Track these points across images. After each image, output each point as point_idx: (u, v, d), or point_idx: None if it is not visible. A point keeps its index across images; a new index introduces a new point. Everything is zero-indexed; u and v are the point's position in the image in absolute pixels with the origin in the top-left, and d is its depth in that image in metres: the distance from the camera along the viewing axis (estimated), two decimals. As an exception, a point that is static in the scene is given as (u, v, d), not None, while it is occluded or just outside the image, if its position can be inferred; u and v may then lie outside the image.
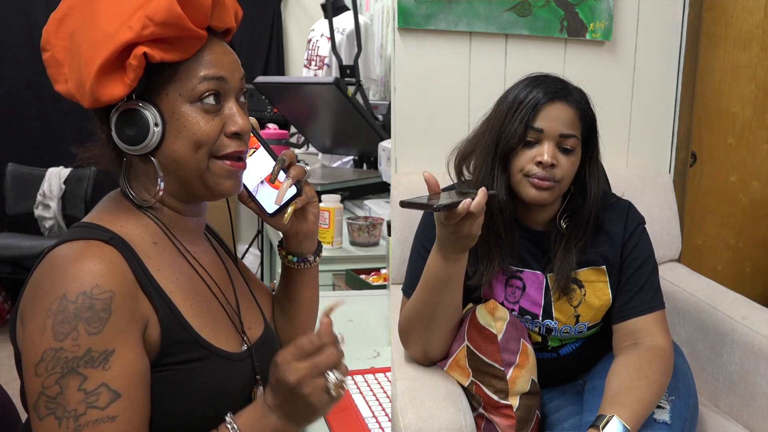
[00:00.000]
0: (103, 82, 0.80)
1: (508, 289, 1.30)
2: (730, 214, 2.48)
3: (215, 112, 0.86)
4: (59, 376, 0.73)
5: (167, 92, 0.84)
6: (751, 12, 2.33)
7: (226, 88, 0.86)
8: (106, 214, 0.87)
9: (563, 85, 1.22)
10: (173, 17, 0.79)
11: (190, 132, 0.84)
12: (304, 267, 1.08)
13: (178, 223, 0.91)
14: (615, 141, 2.01)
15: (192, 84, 0.84)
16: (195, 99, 0.84)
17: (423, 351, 1.26)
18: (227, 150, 0.87)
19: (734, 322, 1.53)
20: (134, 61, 0.80)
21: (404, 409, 1.14)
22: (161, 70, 0.83)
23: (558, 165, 1.19)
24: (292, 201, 0.98)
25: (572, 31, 1.89)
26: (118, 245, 0.81)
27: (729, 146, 2.43)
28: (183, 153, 0.84)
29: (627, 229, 1.30)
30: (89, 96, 0.81)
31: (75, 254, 0.78)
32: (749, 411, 1.48)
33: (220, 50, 0.87)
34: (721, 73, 2.35)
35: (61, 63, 0.83)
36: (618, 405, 1.10)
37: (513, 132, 1.19)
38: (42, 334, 0.74)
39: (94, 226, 0.84)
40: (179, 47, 0.82)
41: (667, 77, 2.05)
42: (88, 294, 0.75)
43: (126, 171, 0.89)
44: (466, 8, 1.80)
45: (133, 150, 0.84)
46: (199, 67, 0.84)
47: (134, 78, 0.81)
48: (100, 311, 0.75)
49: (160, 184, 0.86)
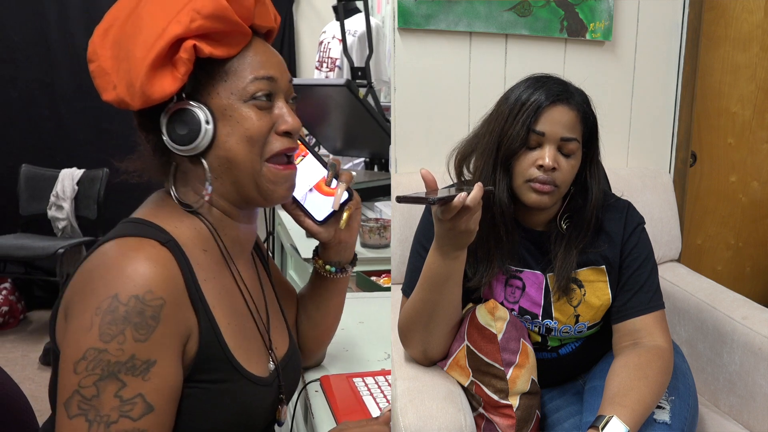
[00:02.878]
0: (154, 79, 0.80)
1: (507, 288, 1.30)
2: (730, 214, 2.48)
3: (267, 109, 0.86)
4: (98, 378, 0.72)
5: (217, 91, 0.84)
6: (751, 12, 2.33)
7: (276, 88, 0.87)
8: (159, 212, 0.87)
9: (565, 87, 1.22)
10: (219, 9, 0.80)
11: (243, 127, 0.84)
12: (340, 276, 1.08)
13: (229, 230, 0.91)
14: (615, 141, 2.01)
15: (243, 83, 0.84)
16: (247, 97, 0.84)
17: (423, 350, 1.26)
18: (277, 147, 0.87)
19: (734, 322, 1.53)
20: (184, 54, 0.80)
21: (404, 409, 1.14)
22: (209, 69, 0.84)
23: (559, 168, 1.19)
24: (346, 206, 0.99)
25: (572, 31, 1.89)
26: (173, 249, 0.81)
27: (729, 146, 2.43)
28: (236, 150, 0.84)
29: (627, 229, 1.30)
30: (140, 95, 0.81)
31: (131, 252, 0.77)
32: (749, 411, 1.48)
33: (267, 51, 0.88)
34: (721, 73, 2.35)
35: (107, 72, 0.83)
36: (618, 405, 1.10)
37: (515, 135, 1.19)
38: (88, 331, 0.73)
39: (148, 222, 0.83)
40: (226, 42, 0.83)
41: (667, 77, 2.05)
42: (141, 298, 0.74)
43: (173, 176, 0.88)
44: (466, 8, 1.80)
45: (184, 150, 0.84)
46: (249, 67, 0.85)
47: (185, 72, 0.81)
48: (149, 318, 0.74)
49: (207, 187, 0.86)
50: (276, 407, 0.95)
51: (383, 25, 3.77)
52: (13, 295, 3.73)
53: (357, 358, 1.29)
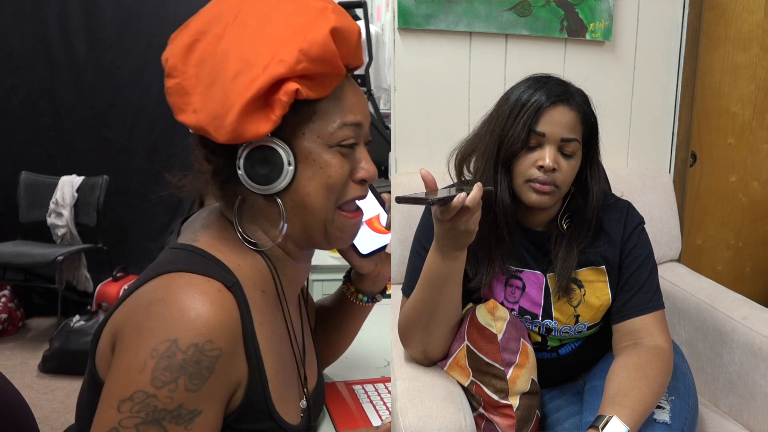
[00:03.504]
0: (249, 118, 0.75)
1: (507, 288, 1.30)
2: (730, 214, 2.48)
3: (349, 155, 0.83)
4: (141, 421, 0.69)
5: (303, 132, 0.80)
6: (751, 12, 2.33)
7: (360, 133, 0.84)
8: (222, 245, 0.82)
9: (565, 87, 1.22)
10: (328, 54, 0.76)
11: (326, 174, 0.80)
12: (369, 304, 1.09)
13: (288, 270, 0.88)
14: (615, 141, 2.01)
15: (331, 128, 0.80)
16: (333, 143, 0.81)
17: (423, 350, 1.26)
18: (350, 195, 0.84)
19: (734, 322, 1.53)
20: (284, 98, 0.75)
21: (404, 409, 1.14)
22: (299, 108, 0.79)
23: (559, 169, 1.19)
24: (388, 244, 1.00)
25: (572, 31, 1.89)
26: (237, 293, 0.77)
27: (729, 146, 2.43)
28: (314, 197, 0.81)
29: (626, 229, 1.30)
30: (229, 131, 0.75)
31: (195, 293, 0.73)
32: (749, 411, 1.48)
33: (356, 92, 0.84)
34: (721, 73, 2.35)
35: (188, 92, 0.77)
36: (618, 405, 1.10)
37: (515, 136, 1.19)
38: (140, 372, 0.70)
39: (210, 256, 0.80)
40: (321, 84, 0.79)
41: (667, 77, 2.05)
42: (200, 348, 0.71)
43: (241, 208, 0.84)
44: (466, 8, 1.80)
45: (260, 189, 0.80)
46: (339, 111, 0.81)
47: (281, 115, 0.76)
48: (205, 369, 0.71)
49: (283, 228, 0.82)
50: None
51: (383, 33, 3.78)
52: (12, 302, 3.69)
53: (357, 365, 1.28)
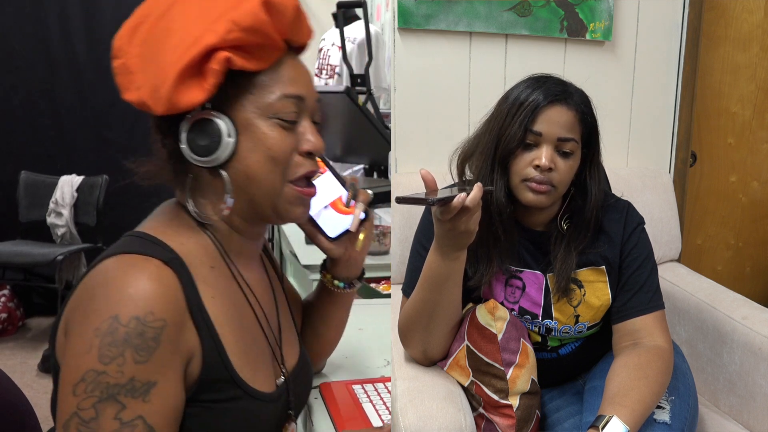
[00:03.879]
0: (183, 87, 0.78)
1: (507, 288, 1.30)
2: (730, 214, 2.48)
3: (290, 129, 0.84)
4: (97, 400, 0.71)
5: (242, 104, 0.82)
6: (751, 12, 2.33)
7: (303, 107, 0.85)
8: (167, 227, 0.84)
9: (564, 87, 1.22)
10: (259, 23, 0.78)
11: (266, 146, 0.82)
12: (348, 291, 1.08)
13: (236, 245, 0.89)
14: (615, 141, 2.01)
15: (270, 99, 0.82)
16: (272, 114, 0.82)
17: (423, 350, 1.26)
18: (300, 171, 0.85)
19: (734, 322, 1.53)
20: (216, 66, 0.77)
21: (404, 409, 1.14)
22: (238, 80, 0.81)
23: (556, 169, 1.19)
24: (361, 227, 0.98)
25: (572, 31, 1.89)
26: (177, 268, 0.78)
27: (729, 146, 2.43)
28: (257, 168, 0.82)
29: (626, 229, 1.30)
30: (165, 101, 0.78)
31: (132, 271, 0.75)
32: (749, 411, 1.48)
33: (298, 67, 0.86)
34: (721, 73, 2.35)
35: (132, 71, 0.80)
36: (618, 405, 1.10)
37: (512, 135, 1.19)
38: (87, 353, 0.71)
39: (152, 238, 0.81)
40: (259, 56, 0.81)
41: (667, 77, 2.05)
42: (142, 320, 0.72)
43: (193, 184, 0.85)
44: (466, 8, 1.80)
45: (203, 162, 0.81)
46: (279, 84, 0.83)
47: (214, 84, 0.79)
48: (150, 340, 0.72)
49: (227, 201, 0.83)
50: (283, 423, 0.93)
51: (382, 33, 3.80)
52: (12, 302, 3.71)
53: (356, 365, 1.28)
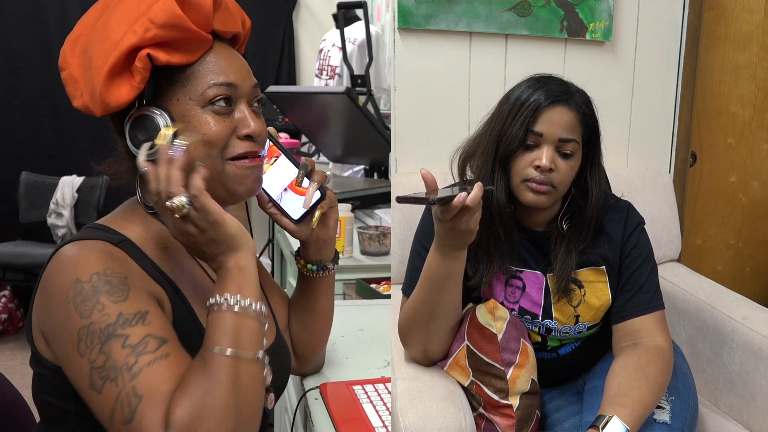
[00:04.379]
0: (112, 87, 0.82)
1: (507, 288, 1.30)
2: (730, 214, 2.48)
3: (226, 114, 0.87)
4: (100, 345, 0.74)
5: (177, 97, 0.85)
6: (751, 12, 2.32)
7: (236, 93, 0.88)
8: (119, 218, 0.89)
9: (565, 87, 1.22)
10: (174, 19, 0.82)
11: (201, 133, 0.85)
12: (323, 275, 1.09)
13: None
14: (615, 141, 2.01)
15: (201, 89, 0.85)
16: (205, 102, 0.85)
17: (423, 350, 1.26)
18: (238, 150, 0.88)
19: (734, 322, 1.53)
20: (139, 63, 0.82)
21: (404, 409, 1.14)
22: (170, 75, 0.85)
23: (556, 169, 1.19)
24: (318, 205, 1.01)
25: (572, 31, 1.89)
26: (127, 247, 0.82)
27: (729, 146, 2.43)
28: (194, 154, 0.85)
29: (626, 229, 1.29)
30: (100, 102, 0.83)
31: (82, 248, 0.80)
32: (749, 411, 1.48)
33: (228, 56, 0.89)
34: (721, 73, 2.35)
35: (76, 80, 0.86)
36: (618, 405, 1.10)
37: (513, 135, 1.19)
38: (68, 320, 0.75)
39: (105, 227, 0.86)
40: (184, 50, 0.84)
41: (667, 77, 2.05)
42: (101, 273, 0.76)
43: (140, 178, 0.89)
44: (466, 8, 1.80)
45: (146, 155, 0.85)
46: (208, 73, 0.86)
47: (141, 80, 0.83)
48: (119, 284, 0.76)
49: None
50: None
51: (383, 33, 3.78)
52: (13, 302, 3.70)
53: (357, 365, 1.28)
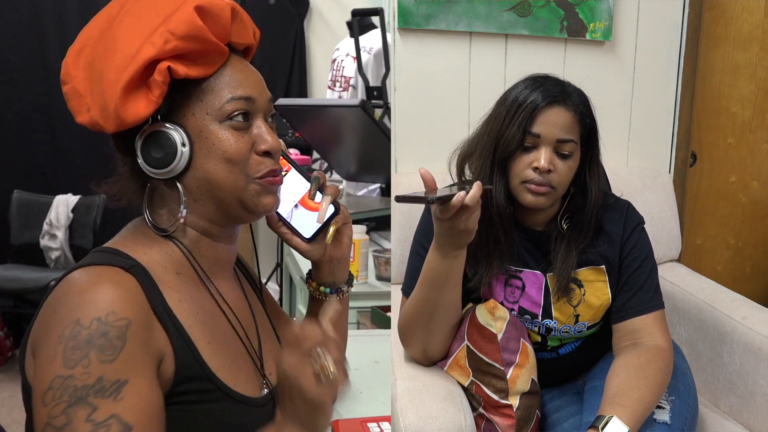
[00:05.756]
0: (128, 102, 0.79)
1: (507, 288, 1.30)
2: (730, 214, 2.48)
3: (244, 130, 0.84)
4: (66, 405, 0.69)
5: (193, 112, 0.82)
6: (751, 12, 2.32)
7: (254, 108, 0.85)
8: (129, 240, 0.85)
9: (562, 88, 1.22)
10: (194, 30, 0.79)
11: (221, 150, 0.82)
12: (336, 298, 1.02)
13: (207, 250, 0.88)
14: (615, 141, 2.01)
15: (219, 103, 0.82)
16: (223, 118, 0.82)
17: (423, 350, 1.26)
18: (263, 169, 0.85)
19: (734, 322, 1.53)
20: (159, 77, 0.79)
21: (404, 409, 1.14)
22: (185, 89, 0.82)
23: (555, 170, 1.19)
24: (332, 220, 0.95)
25: (572, 31, 1.89)
26: (138, 274, 0.79)
27: (729, 146, 2.43)
28: (216, 172, 0.82)
29: (626, 228, 1.30)
30: (114, 118, 0.79)
31: (92, 279, 0.76)
32: (749, 411, 1.48)
33: (244, 69, 0.86)
34: (721, 73, 2.35)
35: (82, 94, 0.82)
36: (618, 405, 1.10)
37: (511, 137, 1.19)
38: (52, 361, 0.71)
39: (115, 251, 0.82)
40: (202, 62, 0.82)
41: (667, 77, 2.05)
42: (103, 320, 0.72)
43: (150, 199, 0.86)
44: (466, 8, 1.80)
45: (159, 174, 0.82)
46: (226, 87, 0.83)
47: (159, 95, 0.80)
48: (115, 339, 0.72)
49: (182, 211, 0.84)
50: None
51: None
52: (2, 330, 3.43)
53: (372, 400, 1.24)
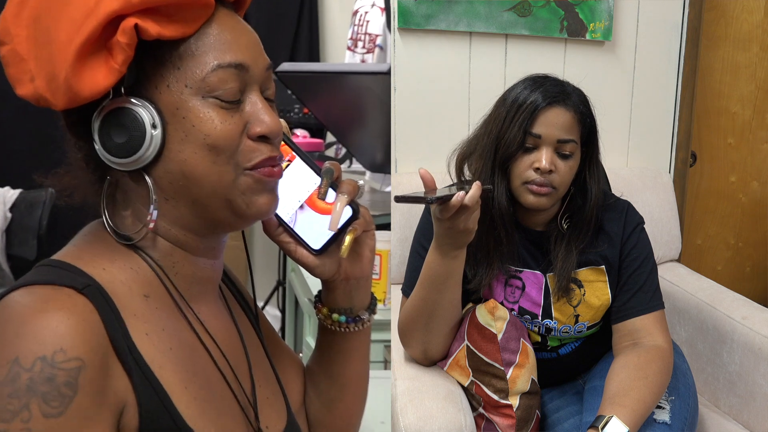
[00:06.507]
0: (83, 70, 0.59)
1: (507, 288, 1.30)
2: (730, 214, 2.48)
3: (234, 107, 0.64)
4: None
5: (167, 83, 0.62)
6: (751, 12, 2.32)
7: (247, 78, 0.65)
8: (84, 251, 0.65)
9: (562, 88, 1.22)
10: None
11: (202, 133, 0.62)
12: (354, 329, 0.79)
13: (183, 266, 0.68)
14: (615, 141, 2.01)
15: (201, 72, 0.62)
16: (207, 92, 0.62)
17: (423, 350, 1.26)
18: (257, 158, 0.65)
19: (734, 322, 1.53)
20: (123, 38, 0.59)
21: (404, 409, 1.14)
22: (157, 53, 0.62)
23: (556, 171, 1.19)
24: (349, 226, 0.72)
25: (572, 31, 1.89)
26: (94, 297, 0.60)
27: (729, 146, 2.43)
28: (195, 163, 0.63)
29: (626, 229, 1.30)
30: (65, 91, 0.60)
31: (36, 305, 0.57)
32: (749, 411, 1.48)
33: (236, 27, 0.66)
34: (721, 73, 2.35)
35: (23, 57, 0.61)
36: (617, 405, 1.10)
37: (512, 138, 1.19)
38: None
39: (66, 266, 0.62)
40: (179, 18, 0.61)
41: (667, 77, 2.05)
42: (49, 361, 0.55)
43: (110, 196, 0.67)
44: (466, 8, 1.80)
45: (122, 164, 0.63)
46: (210, 51, 0.63)
47: (123, 61, 0.60)
48: (63, 386, 0.55)
49: (152, 212, 0.64)
50: None
51: None
52: None
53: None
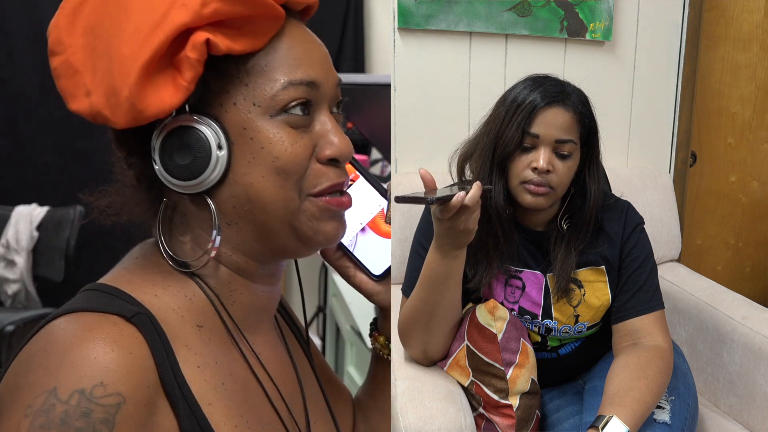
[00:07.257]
0: (149, 87, 0.56)
1: (507, 288, 1.30)
2: (730, 214, 2.48)
3: (304, 127, 0.61)
4: None
5: (234, 101, 0.59)
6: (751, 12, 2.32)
7: (318, 96, 0.62)
8: (136, 275, 0.62)
9: (561, 88, 1.22)
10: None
11: (272, 155, 0.59)
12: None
13: (241, 295, 0.65)
14: (615, 141, 2.01)
15: (271, 89, 0.59)
16: (276, 110, 0.59)
17: (423, 350, 1.27)
18: (324, 184, 0.62)
19: (734, 322, 1.53)
20: (193, 54, 0.56)
21: (404, 409, 1.14)
22: (224, 69, 0.59)
23: (554, 171, 1.19)
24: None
25: (572, 31, 1.89)
26: (144, 325, 0.57)
27: (729, 146, 2.43)
28: (262, 187, 0.59)
29: (626, 229, 1.30)
30: (127, 109, 0.56)
31: (79, 333, 0.54)
32: (749, 411, 1.48)
33: (306, 41, 0.62)
34: (721, 73, 2.35)
35: (78, 70, 0.58)
36: (617, 405, 1.10)
37: (510, 137, 1.19)
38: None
39: (115, 291, 0.59)
40: (249, 31, 0.58)
41: (667, 77, 2.05)
42: (87, 395, 0.51)
43: (165, 219, 0.63)
44: (466, 8, 1.80)
45: (185, 187, 0.59)
46: (281, 66, 0.60)
47: (192, 78, 0.57)
48: (99, 422, 0.51)
49: (215, 238, 0.61)
50: None
51: None
52: None
53: None
